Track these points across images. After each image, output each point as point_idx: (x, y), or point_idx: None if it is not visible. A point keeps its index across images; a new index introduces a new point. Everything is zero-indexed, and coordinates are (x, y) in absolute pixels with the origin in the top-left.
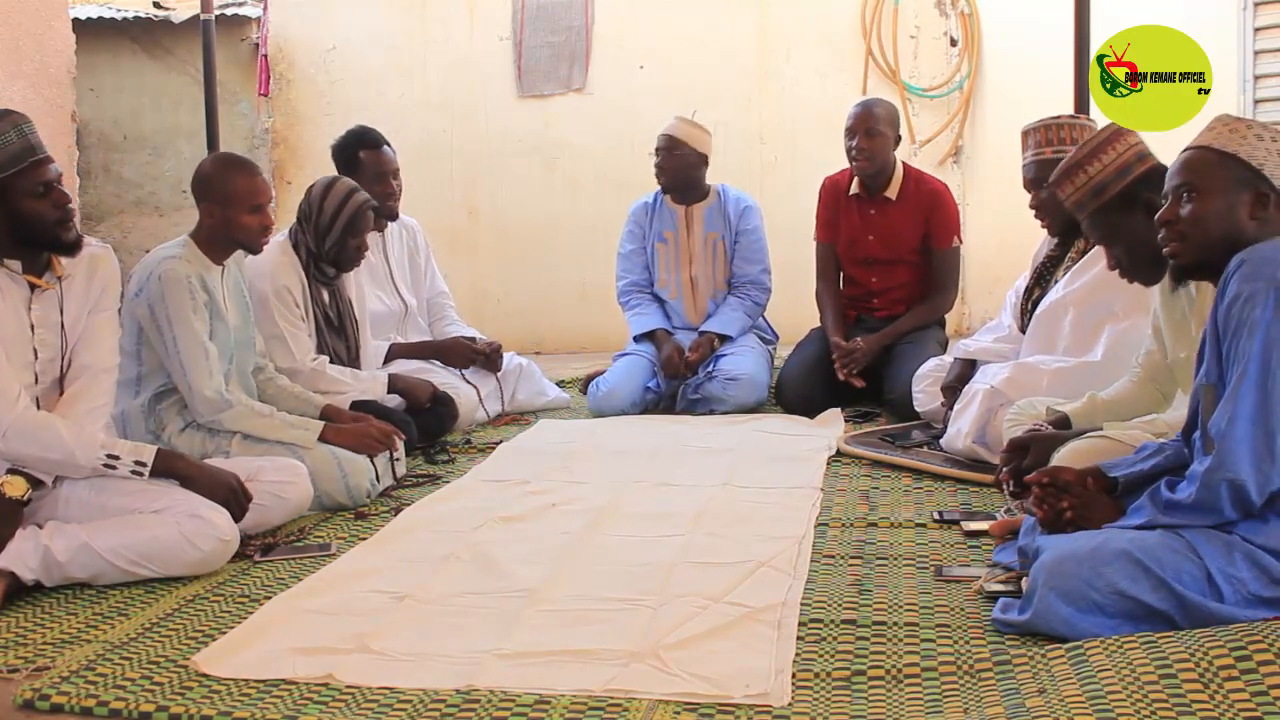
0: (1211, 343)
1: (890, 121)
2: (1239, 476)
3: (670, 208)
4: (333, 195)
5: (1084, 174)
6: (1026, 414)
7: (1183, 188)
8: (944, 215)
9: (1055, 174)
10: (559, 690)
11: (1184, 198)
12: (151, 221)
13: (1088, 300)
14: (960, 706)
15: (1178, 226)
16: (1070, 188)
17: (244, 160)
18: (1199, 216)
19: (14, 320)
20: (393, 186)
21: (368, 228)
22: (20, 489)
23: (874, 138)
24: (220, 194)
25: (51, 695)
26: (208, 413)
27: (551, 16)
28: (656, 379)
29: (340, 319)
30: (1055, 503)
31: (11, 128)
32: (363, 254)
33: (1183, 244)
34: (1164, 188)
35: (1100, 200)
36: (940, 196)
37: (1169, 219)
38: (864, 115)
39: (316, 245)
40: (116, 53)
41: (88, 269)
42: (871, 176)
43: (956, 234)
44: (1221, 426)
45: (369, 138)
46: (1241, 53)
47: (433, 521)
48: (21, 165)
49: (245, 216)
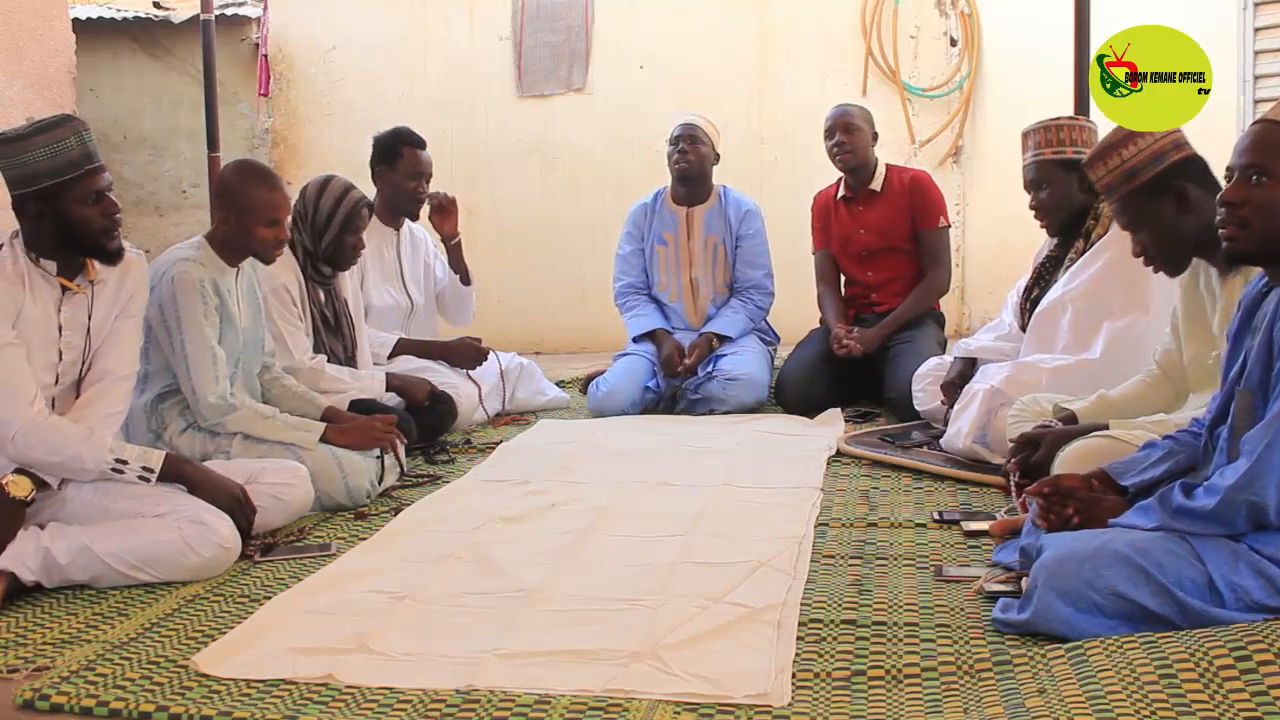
0: (1263, 351)
1: (866, 119)
2: (1264, 500)
3: (670, 210)
4: (328, 193)
5: (1118, 156)
6: (1030, 410)
7: (1252, 169)
8: (927, 198)
9: (1089, 154)
10: (559, 690)
11: (1252, 179)
12: (151, 221)
13: (1086, 298)
14: (960, 706)
15: (1240, 211)
16: (1102, 169)
17: (266, 171)
18: (1268, 202)
19: (43, 320)
20: (424, 188)
21: (364, 225)
22: (25, 489)
23: (852, 133)
24: (239, 203)
25: (51, 695)
26: (211, 416)
27: (551, 16)
28: (656, 379)
29: (336, 318)
30: (1061, 511)
31: (72, 134)
32: (359, 252)
33: (1243, 230)
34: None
35: (1131, 185)
36: (921, 181)
37: (1232, 200)
38: (840, 115)
39: (313, 244)
40: (116, 53)
41: (119, 274)
42: (855, 172)
43: (942, 214)
44: (1257, 447)
45: (414, 137)
46: (1241, 53)
47: (433, 521)
48: (78, 172)
49: (261, 229)
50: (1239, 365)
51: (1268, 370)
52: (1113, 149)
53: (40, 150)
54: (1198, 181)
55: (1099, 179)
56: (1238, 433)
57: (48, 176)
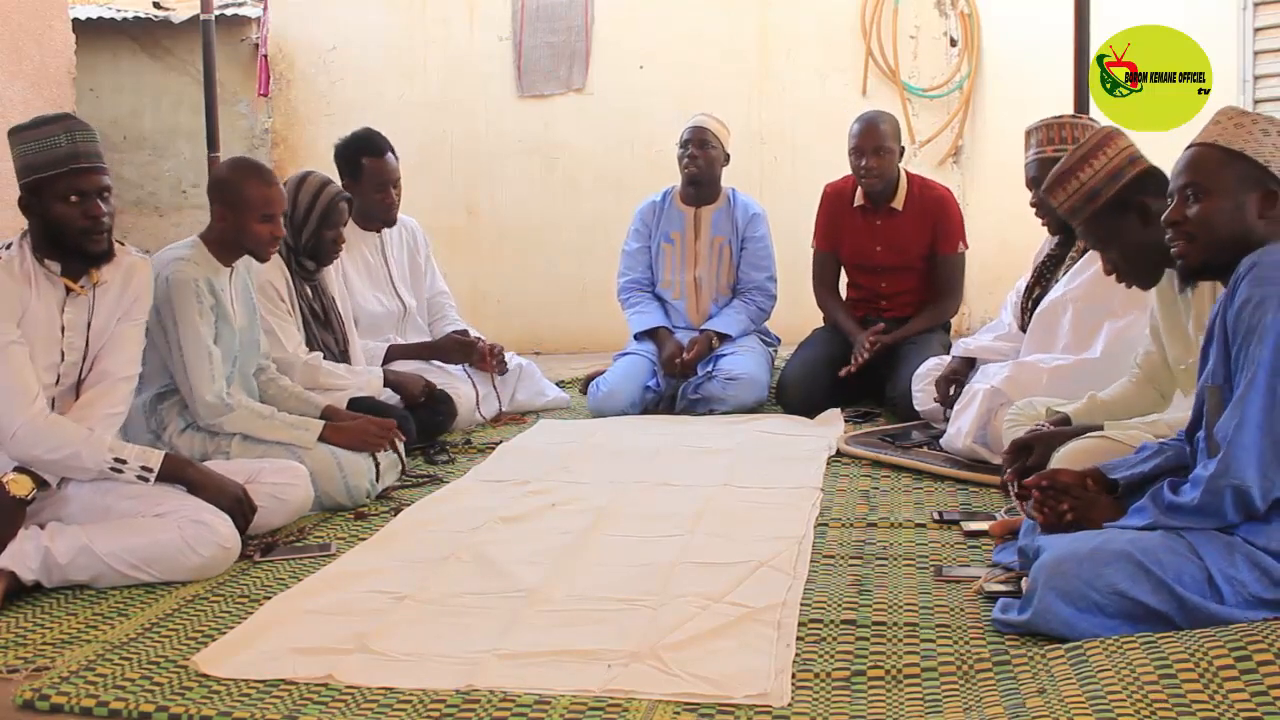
0: (1219, 345)
1: (895, 136)
2: (1244, 482)
3: (679, 209)
4: (305, 189)
5: (1076, 180)
6: (1026, 414)
7: (1189, 188)
8: (949, 222)
9: (1047, 181)
10: (559, 690)
11: (1190, 198)
12: (151, 221)
13: (1087, 298)
14: (960, 706)
15: (1185, 227)
16: (1063, 194)
17: (260, 168)
18: (1206, 217)
19: (46, 320)
20: (392, 196)
21: (342, 220)
22: (25, 488)
23: (882, 155)
24: (234, 199)
25: (51, 695)
26: (208, 416)
27: (551, 16)
28: (656, 379)
29: (326, 313)
30: (1056, 505)
31: (63, 132)
32: (339, 246)
33: (1191, 245)
34: (1169, 186)
35: (1094, 206)
36: (945, 203)
37: (1176, 219)
38: (870, 133)
39: (294, 239)
40: (116, 53)
41: (124, 277)
42: (879, 191)
43: (962, 239)
44: (1229, 432)
45: (373, 143)
46: (1241, 53)
47: (432, 522)
48: (60, 170)
49: (256, 225)
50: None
51: (1227, 360)
52: (1070, 173)
53: (30, 144)
54: (1159, 194)
55: (1061, 204)
56: (1211, 429)
57: (33, 171)
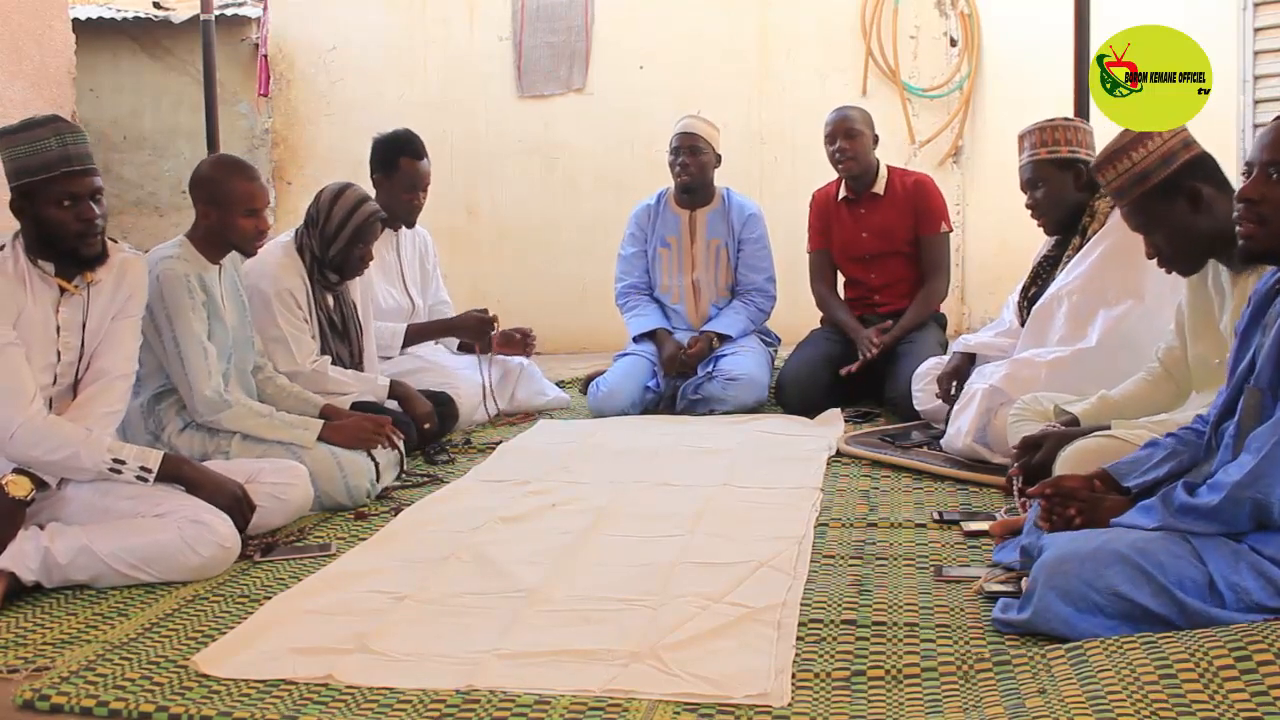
0: (1273, 349)
1: (866, 122)
2: (1269, 498)
3: (674, 212)
4: (342, 203)
5: (1127, 159)
6: (1032, 409)
7: (1272, 165)
8: (930, 203)
9: (1097, 158)
10: (559, 690)
11: (1271, 175)
12: (151, 221)
13: (1083, 290)
14: (960, 706)
15: (1260, 208)
16: (1112, 173)
17: (242, 163)
18: None
19: (42, 321)
20: (421, 199)
21: (374, 238)
22: (24, 489)
23: (854, 138)
24: (217, 196)
25: (51, 695)
26: (207, 412)
27: (551, 16)
28: (656, 379)
29: (344, 323)
30: (1063, 512)
31: (53, 135)
32: (366, 263)
33: (1261, 228)
34: (1250, 156)
35: (1143, 188)
36: (924, 185)
37: (1251, 197)
38: (840, 120)
39: (321, 251)
40: (116, 53)
41: (117, 275)
42: (857, 177)
43: (944, 220)
44: (1265, 445)
45: (414, 146)
46: (1241, 53)
47: (432, 522)
48: (51, 174)
49: (241, 220)
50: (1248, 362)
51: (1278, 369)
52: (1122, 152)
53: (20, 148)
54: (1210, 180)
55: (1109, 183)
56: (1245, 430)
57: (25, 174)
